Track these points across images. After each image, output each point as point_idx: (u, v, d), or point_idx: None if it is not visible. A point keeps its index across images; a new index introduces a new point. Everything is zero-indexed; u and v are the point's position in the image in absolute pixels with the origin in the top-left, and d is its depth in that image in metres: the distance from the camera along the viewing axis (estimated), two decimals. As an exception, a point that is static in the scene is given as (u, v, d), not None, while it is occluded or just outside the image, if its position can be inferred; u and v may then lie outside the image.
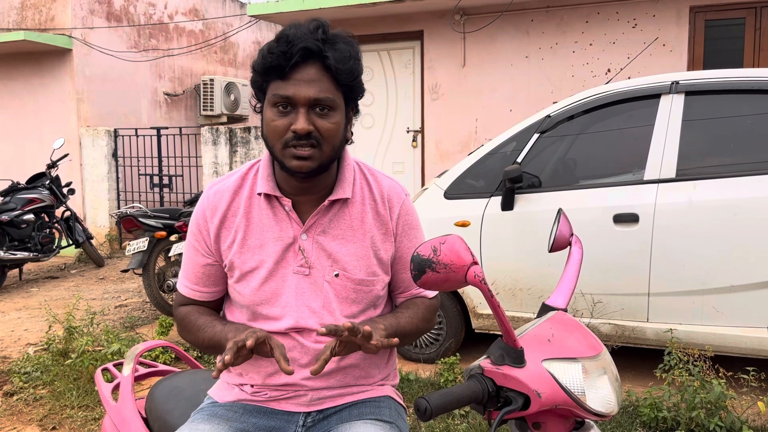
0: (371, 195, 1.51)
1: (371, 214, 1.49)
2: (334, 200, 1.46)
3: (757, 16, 6.13)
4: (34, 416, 3.49)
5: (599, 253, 3.54)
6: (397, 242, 1.51)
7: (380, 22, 7.45)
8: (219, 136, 8.45)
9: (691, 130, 3.56)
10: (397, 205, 1.52)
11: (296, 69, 1.33)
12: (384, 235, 1.49)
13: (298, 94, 1.32)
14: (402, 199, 1.53)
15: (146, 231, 5.28)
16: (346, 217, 1.47)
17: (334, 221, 1.46)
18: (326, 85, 1.34)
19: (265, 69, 1.34)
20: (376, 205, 1.50)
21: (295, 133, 1.33)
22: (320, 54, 1.32)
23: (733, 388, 3.28)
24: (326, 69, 1.34)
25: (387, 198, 1.51)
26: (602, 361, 1.20)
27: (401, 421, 1.49)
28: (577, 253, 1.52)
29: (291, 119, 1.34)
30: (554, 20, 6.79)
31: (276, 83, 1.35)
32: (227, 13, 11.72)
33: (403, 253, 1.52)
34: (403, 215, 1.52)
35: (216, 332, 1.44)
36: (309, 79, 1.33)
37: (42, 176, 7.43)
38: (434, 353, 4.10)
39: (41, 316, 5.54)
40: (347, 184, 1.47)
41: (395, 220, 1.51)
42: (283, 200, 1.45)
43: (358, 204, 1.48)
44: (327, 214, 1.46)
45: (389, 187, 1.53)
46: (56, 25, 8.84)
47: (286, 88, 1.33)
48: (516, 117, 6.74)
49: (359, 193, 1.50)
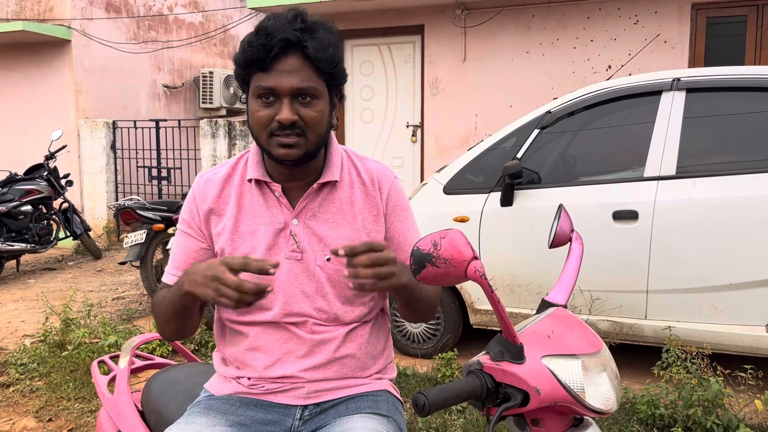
0: (360, 178, 1.51)
1: (361, 197, 1.49)
2: (323, 183, 1.47)
3: (759, 14, 6.12)
4: (30, 408, 3.49)
5: (598, 250, 3.53)
6: (387, 223, 1.51)
7: (381, 15, 7.42)
8: (218, 128, 8.43)
9: (691, 128, 3.55)
10: (386, 185, 1.52)
11: (277, 60, 1.34)
12: (375, 216, 1.50)
13: (281, 85, 1.34)
14: (391, 180, 1.54)
15: (144, 223, 5.27)
16: (336, 201, 1.48)
17: (324, 205, 1.47)
18: (308, 74, 1.36)
19: (247, 62, 1.36)
20: (365, 188, 1.50)
21: (280, 123, 1.35)
22: (300, 44, 1.34)
23: (731, 386, 3.28)
24: (307, 58, 1.35)
25: (377, 179, 1.52)
26: (602, 358, 1.20)
27: (398, 416, 1.49)
28: (577, 249, 1.51)
29: (275, 109, 1.36)
30: (555, 16, 6.77)
31: (258, 75, 1.36)
32: (227, 5, 11.68)
33: (393, 233, 1.52)
34: (393, 196, 1.53)
35: (172, 288, 1.38)
36: (290, 69, 1.34)
37: (40, 167, 7.41)
38: (432, 348, 4.10)
39: (38, 308, 5.53)
40: (335, 168, 1.48)
41: (385, 201, 1.51)
42: (272, 186, 1.46)
43: (347, 187, 1.49)
44: (317, 198, 1.47)
45: (378, 170, 1.54)
46: (55, 16, 8.80)
47: (269, 80, 1.34)
48: (516, 113, 6.72)
49: (347, 176, 1.51)
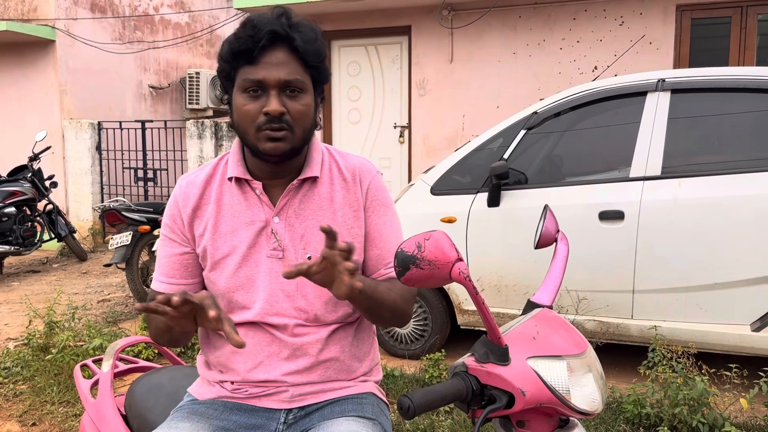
0: (340, 174, 1.50)
1: (341, 193, 1.48)
2: (303, 180, 1.46)
3: (743, 15, 6.17)
4: (13, 412, 3.44)
5: (585, 249, 3.55)
6: (365, 217, 1.49)
7: (368, 16, 7.41)
8: (204, 129, 8.38)
9: (676, 128, 3.57)
10: (367, 179, 1.51)
11: (264, 52, 1.34)
12: (355, 212, 1.48)
13: (269, 77, 1.34)
14: (373, 175, 1.52)
15: (130, 225, 5.23)
16: (316, 197, 1.47)
17: (304, 202, 1.46)
18: (295, 66, 1.36)
19: (234, 55, 1.35)
20: (345, 183, 1.49)
21: (268, 116, 1.34)
22: (287, 37, 1.35)
23: (716, 385, 3.31)
24: (293, 51, 1.36)
25: (358, 173, 1.50)
26: (587, 358, 1.20)
27: (384, 418, 1.48)
28: (562, 250, 1.51)
29: (262, 102, 1.35)
30: (542, 17, 6.79)
31: (245, 68, 1.36)
32: (213, 5, 11.62)
33: (369, 229, 1.49)
34: (373, 190, 1.51)
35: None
36: (278, 61, 1.35)
37: (24, 169, 7.33)
38: (419, 349, 4.10)
39: (22, 311, 5.47)
40: (315, 164, 1.48)
41: (365, 195, 1.50)
42: (253, 183, 1.45)
43: (327, 183, 1.48)
44: (297, 195, 1.46)
45: (360, 165, 1.52)
46: (39, 16, 8.71)
47: (256, 72, 1.34)
48: (503, 113, 6.74)
49: (327, 173, 1.50)
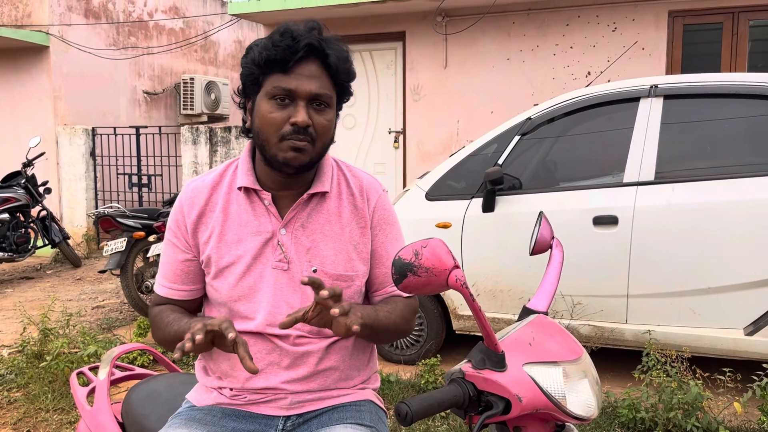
0: (349, 189, 1.52)
1: (349, 208, 1.50)
2: (312, 194, 1.46)
3: (735, 22, 6.22)
4: (8, 419, 3.43)
5: (579, 254, 3.56)
6: (372, 236, 1.51)
7: (362, 22, 7.44)
8: (199, 135, 8.37)
9: (669, 134, 3.60)
10: (374, 197, 1.53)
11: (299, 64, 1.36)
12: (362, 228, 1.50)
13: (301, 88, 1.35)
14: (379, 193, 1.54)
15: (124, 231, 5.21)
16: (324, 212, 1.47)
17: (312, 215, 1.46)
18: (325, 81, 1.39)
19: (268, 62, 1.36)
20: (353, 199, 1.51)
21: (294, 126, 1.35)
22: (322, 52, 1.36)
23: (710, 389, 3.32)
24: (325, 67, 1.38)
25: (365, 191, 1.52)
26: (583, 364, 1.21)
27: (381, 425, 1.48)
28: (557, 256, 1.52)
29: (289, 112, 1.36)
30: (535, 23, 6.83)
31: (276, 76, 1.36)
32: (208, 11, 11.62)
33: (377, 247, 1.51)
34: (380, 209, 1.52)
35: (182, 324, 1.42)
36: (310, 74, 1.36)
37: (17, 175, 7.30)
38: (415, 354, 4.10)
39: (16, 318, 5.44)
40: (326, 178, 1.48)
41: (371, 213, 1.51)
42: (262, 194, 1.45)
43: (335, 198, 1.49)
44: (305, 209, 1.46)
45: (367, 182, 1.55)
46: (33, 22, 8.69)
47: (288, 82, 1.35)
48: (497, 119, 6.76)
49: (336, 187, 1.51)
